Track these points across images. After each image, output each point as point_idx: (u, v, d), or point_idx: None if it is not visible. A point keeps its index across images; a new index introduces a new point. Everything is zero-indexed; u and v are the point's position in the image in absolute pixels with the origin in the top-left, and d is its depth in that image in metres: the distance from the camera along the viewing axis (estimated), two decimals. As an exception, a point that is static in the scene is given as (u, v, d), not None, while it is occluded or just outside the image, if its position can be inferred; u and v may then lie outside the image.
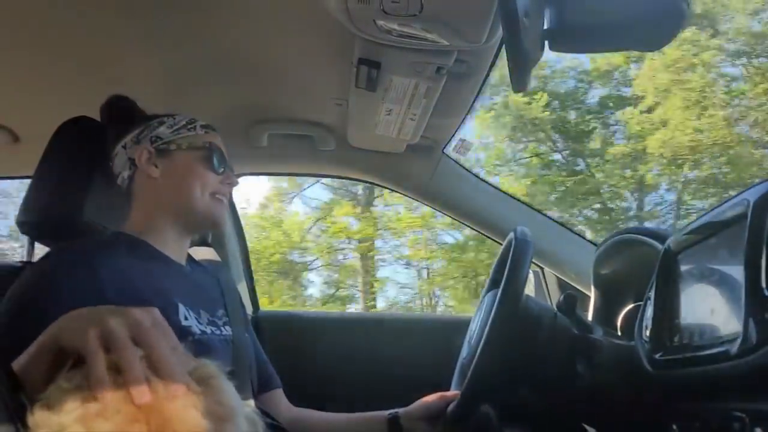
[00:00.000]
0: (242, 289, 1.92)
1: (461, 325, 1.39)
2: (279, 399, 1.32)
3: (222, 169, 1.18)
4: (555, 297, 1.80)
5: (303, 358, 1.81)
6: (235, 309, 1.24)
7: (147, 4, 1.17)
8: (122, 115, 1.21)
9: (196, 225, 1.20)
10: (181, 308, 1.06)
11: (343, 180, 1.91)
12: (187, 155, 1.17)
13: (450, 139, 1.66)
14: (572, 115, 11.44)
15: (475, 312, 1.32)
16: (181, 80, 1.46)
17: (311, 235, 12.94)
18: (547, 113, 10.98)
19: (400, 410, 1.24)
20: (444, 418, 1.18)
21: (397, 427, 1.22)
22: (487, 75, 1.30)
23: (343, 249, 12.86)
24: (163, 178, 1.15)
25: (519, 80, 0.77)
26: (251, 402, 1.10)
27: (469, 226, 1.81)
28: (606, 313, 1.29)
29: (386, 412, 1.24)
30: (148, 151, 1.15)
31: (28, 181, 1.24)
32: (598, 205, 11.24)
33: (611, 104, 11.29)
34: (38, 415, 0.52)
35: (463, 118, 1.53)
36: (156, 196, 1.15)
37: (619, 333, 1.22)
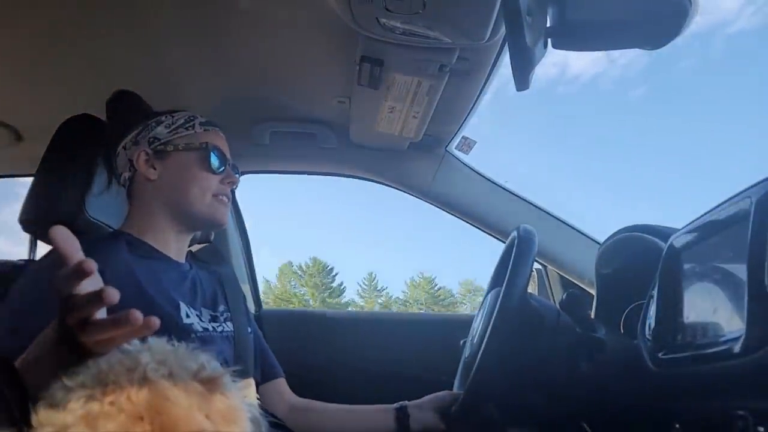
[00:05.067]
0: (245, 287, 1.92)
1: (463, 324, 1.38)
2: (282, 388, 1.32)
3: (221, 169, 1.17)
4: (558, 295, 1.80)
5: (305, 357, 1.80)
6: (237, 303, 1.24)
7: (149, 3, 1.17)
8: (126, 110, 1.20)
9: (196, 226, 1.20)
10: (183, 307, 1.06)
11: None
12: (184, 156, 1.16)
13: (453, 137, 1.66)
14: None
15: (477, 310, 1.32)
16: (183, 78, 1.46)
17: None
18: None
19: (409, 402, 1.24)
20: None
21: (405, 415, 1.22)
22: (490, 73, 1.30)
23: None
24: (161, 180, 1.15)
25: (521, 78, 0.77)
26: (255, 401, 1.10)
27: (472, 225, 1.81)
28: (609, 311, 1.29)
29: (393, 405, 1.24)
30: (146, 152, 1.15)
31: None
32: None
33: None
34: (42, 413, 0.52)
35: (466, 116, 1.53)
36: (155, 198, 1.15)
37: (622, 331, 1.22)
